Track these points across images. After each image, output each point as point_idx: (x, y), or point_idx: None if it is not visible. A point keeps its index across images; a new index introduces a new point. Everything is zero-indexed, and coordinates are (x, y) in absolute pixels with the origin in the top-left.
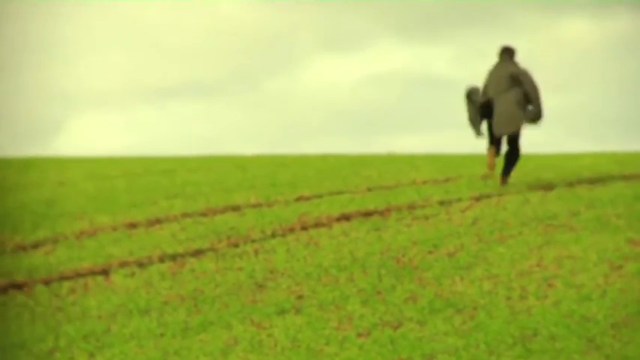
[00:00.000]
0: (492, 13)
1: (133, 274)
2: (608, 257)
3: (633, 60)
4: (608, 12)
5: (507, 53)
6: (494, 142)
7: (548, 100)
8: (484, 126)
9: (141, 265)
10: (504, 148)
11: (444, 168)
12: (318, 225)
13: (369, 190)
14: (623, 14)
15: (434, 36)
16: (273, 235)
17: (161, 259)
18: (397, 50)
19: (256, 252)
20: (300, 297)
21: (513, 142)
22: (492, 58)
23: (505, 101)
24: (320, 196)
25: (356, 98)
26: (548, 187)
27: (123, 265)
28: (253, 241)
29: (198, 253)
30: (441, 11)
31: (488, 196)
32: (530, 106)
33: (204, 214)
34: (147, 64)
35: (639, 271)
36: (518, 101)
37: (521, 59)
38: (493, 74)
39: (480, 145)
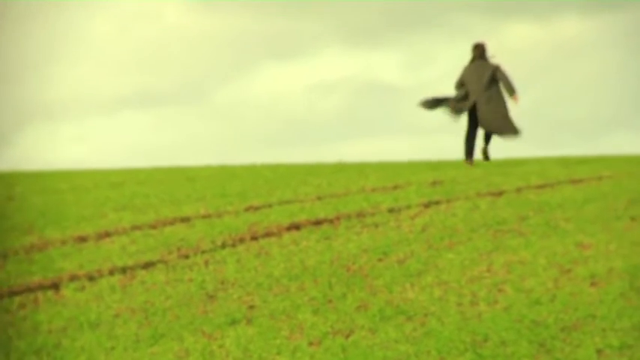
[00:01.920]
0: (439, 18)
1: (83, 288)
2: (557, 261)
3: (579, 63)
4: (554, 15)
5: (479, 50)
6: (471, 138)
7: None
8: (463, 116)
9: (91, 278)
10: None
11: (393, 175)
12: (268, 235)
13: (319, 198)
14: (570, 17)
15: (382, 42)
16: (224, 246)
17: (111, 272)
18: (345, 57)
19: (207, 263)
20: (251, 307)
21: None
22: (441, 64)
23: (492, 100)
24: (270, 206)
25: (305, 106)
26: (497, 192)
27: (73, 278)
28: (203, 252)
29: (148, 265)
30: (388, 18)
31: (437, 203)
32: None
33: (153, 226)
34: (94, 75)
35: (589, 275)
36: (503, 99)
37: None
38: (472, 72)
39: (426, 151)
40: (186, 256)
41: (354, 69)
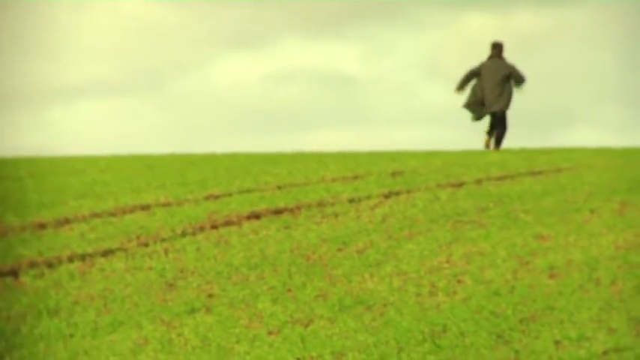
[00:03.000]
0: (397, 10)
1: (42, 275)
2: (516, 253)
3: (537, 56)
4: (511, 8)
5: (497, 48)
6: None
7: (454, 97)
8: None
9: (50, 265)
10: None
11: (353, 165)
12: (228, 223)
13: (279, 188)
14: (526, 10)
15: (339, 33)
16: (183, 234)
17: (70, 260)
18: (303, 47)
19: (166, 251)
20: (210, 296)
21: (501, 119)
22: (400, 55)
23: (502, 96)
24: (230, 195)
25: (263, 96)
26: (457, 183)
27: (32, 265)
28: (163, 240)
29: (107, 253)
30: (345, 8)
31: (397, 194)
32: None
33: (113, 214)
34: (53, 63)
35: (547, 267)
36: (510, 95)
37: (427, 55)
38: (488, 68)
39: (385, 141)
40: (146, 244)
41: (313, 59)
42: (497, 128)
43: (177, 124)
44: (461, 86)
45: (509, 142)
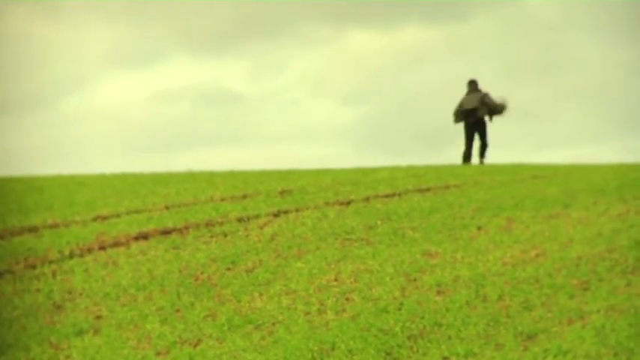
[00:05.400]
0: (282, 27)
1: None
2: (404, 270)
3: (422, 71)
4: (396, 23)
5: (473, 84)
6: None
7: (340, 115)
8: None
9: None
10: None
11: (242, 184)
12: (116, 244)
13: (167, 208)
14: (411, 25)
15: (225, 51)
16: (71, 256)
17: None
18: (190, 65)
19: (54, 273)
20: (98, 317)
21: (482, 136)
22: (288, 72)
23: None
24: (118, 216)
25: (151, 115)
26: (345, 201)
27: None
28: (51, 262)
29: None
30: (230, 26)
31: (286, 212)
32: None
33: (1, 236)
34: None
35: (435, 283)
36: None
37: (314, 71)
38: (468, 99)
39: (274, 160)
40: (34, 267)
41: (201, 77)
42: (481, 146)
43: (64, 143)
44: (455, 120)
45: (396, 159)
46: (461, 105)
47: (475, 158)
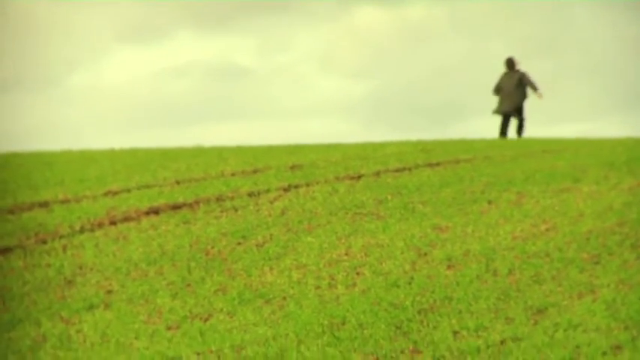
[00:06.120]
0: (289, 2)
1: None
2: (414, 244)
3: (429, 47)
4: (403, 1)
5: (510, 63)
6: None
7: (350, 90)
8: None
9: None
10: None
11: (252, 159)
12: (126, 219)
13: (178, 183)
14: (418, 1)
15: (232, 27)
16: (82, 231)
17: None
18: (198, 41)
19: (65, 248)
20: (109, 292)
21: (519, 114)
22: (296, 48)
23: (516, 96)
24: (128, 191)
25: (160, 90)
26: (356, 176)
27: None
28: (62, 237)
29: (5, 250)
30: (238, 2)
31: (296, 187)
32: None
33: (11, 212)
34: None
35: (445, 258)
36: (523, 97)
37: (322, 48)
38: (505, 79)
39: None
40: (44, 242)
41: (209, 52)
42: (517, 119)
43: (76, 119)
44: (495, 93)
45: (405, 134)
46: (499, 87)
47: (512, 133)
